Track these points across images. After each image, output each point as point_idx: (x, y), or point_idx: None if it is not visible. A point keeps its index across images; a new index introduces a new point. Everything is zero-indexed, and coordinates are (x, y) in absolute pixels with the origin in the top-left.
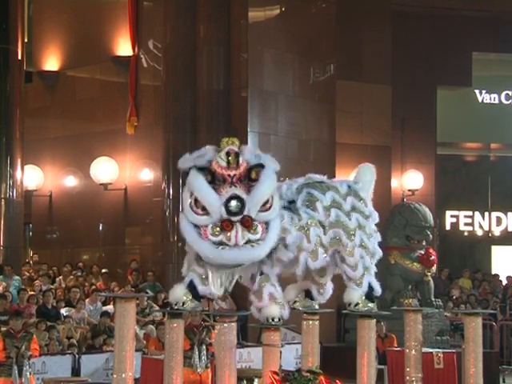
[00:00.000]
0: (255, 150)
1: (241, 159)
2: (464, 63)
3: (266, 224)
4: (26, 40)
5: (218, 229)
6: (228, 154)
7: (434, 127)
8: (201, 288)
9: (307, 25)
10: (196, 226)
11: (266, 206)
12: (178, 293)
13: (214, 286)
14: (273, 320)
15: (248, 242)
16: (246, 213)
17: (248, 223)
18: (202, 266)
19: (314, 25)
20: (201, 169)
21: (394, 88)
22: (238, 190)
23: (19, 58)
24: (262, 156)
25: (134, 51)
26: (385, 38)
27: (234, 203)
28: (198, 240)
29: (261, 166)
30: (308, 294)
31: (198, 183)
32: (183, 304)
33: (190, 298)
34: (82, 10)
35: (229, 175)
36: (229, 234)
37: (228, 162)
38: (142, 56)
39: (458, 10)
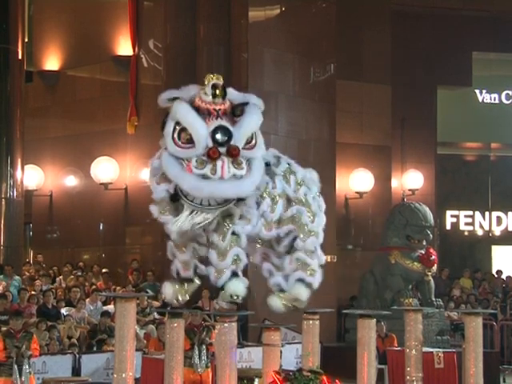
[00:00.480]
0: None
1: (227, 95)
2: (464, 63)
3: (249, 163)
4: (26, 40)
5: (204, 161)
6: (215, 86)
7: (434, 127)
8: (183, 273)
9: (307, 25)
10: (178, 160)
11: (250, 144)
12: (170, 290)
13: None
14: (237, 297)
15: (233, 176)
16: (232, 143)
17: (235, 152)
18: (182, 252)
19: (314, 25)
20: None
21: (394, 88)
22: (224, 122)
23: (19, 57)
24: (246, 95)
25: (134, 51)
26: (385, 38)
27: (220, 133)
28: (182, 173)
29: (245, 104)
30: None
31: (185, 110)
32: (177, 301)
33: (183, 293)
34: (83, 9)
35: (214, 109)
36: (214, 166)
37: (214, 96)
38: (142, 56)
39: (458, 10)
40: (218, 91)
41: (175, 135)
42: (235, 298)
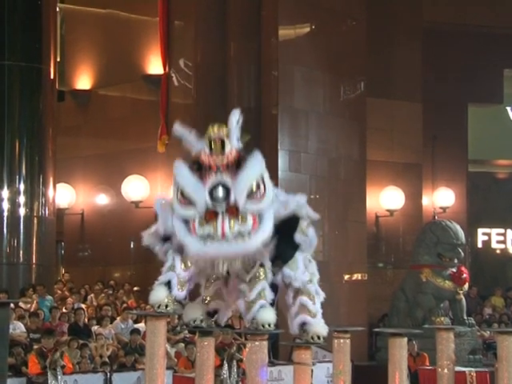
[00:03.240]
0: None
1: (228, 147)
2: (495, 80)
3: (259, 215)
4: (58, 59)
5: (204, 221)
6: (212, 140)
7: (466, 144)
8: (175, 292)
9: (337, 42)
10: (186, 222)
11: (256, 195)
12: (160, 294)
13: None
14: (269, 326)
15: (239, 234)
16: (231, 200)
17: (232, 211)
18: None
19: (345, 42)
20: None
21: (425, 105)
22: (225, 177)
23: (52, 77)
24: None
25: (164, 70)
26: (415, 55)
27: (218, 190)
28: (186, 236)
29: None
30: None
31: (181, 173)
32: (166, 307)
33: (172, 299)
34: (114, 29)
35: (214, 162)
36: (215, 224)
37: (211, 150)
38: (172, 74)
39: (489, 28)
40: (213, 146)
41: (179, 195)
42: (267, 326)
